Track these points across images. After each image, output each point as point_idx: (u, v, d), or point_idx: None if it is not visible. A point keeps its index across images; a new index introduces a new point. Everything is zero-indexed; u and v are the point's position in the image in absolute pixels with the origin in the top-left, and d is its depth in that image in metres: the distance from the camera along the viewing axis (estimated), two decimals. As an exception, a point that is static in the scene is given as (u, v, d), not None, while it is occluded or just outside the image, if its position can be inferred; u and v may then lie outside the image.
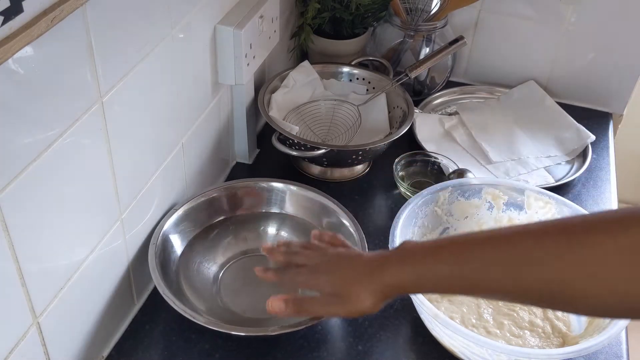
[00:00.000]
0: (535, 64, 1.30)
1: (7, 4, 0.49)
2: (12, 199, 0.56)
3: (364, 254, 0.69)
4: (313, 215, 0.95)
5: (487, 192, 0.94)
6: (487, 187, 0.94)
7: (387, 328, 0.86)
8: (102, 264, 0.75)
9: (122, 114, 0.72)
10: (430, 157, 1.09)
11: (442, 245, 0.63)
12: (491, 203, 0.94)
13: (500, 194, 0.93)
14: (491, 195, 0.94)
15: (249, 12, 0.95)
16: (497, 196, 0.94)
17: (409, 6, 1.20)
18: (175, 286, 0.84)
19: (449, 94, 1.30)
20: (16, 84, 0.54)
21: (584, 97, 1.30)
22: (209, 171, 1.02)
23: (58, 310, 0.68)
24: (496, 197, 0.94)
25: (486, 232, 0.62)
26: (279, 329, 0.77)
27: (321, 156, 1.00)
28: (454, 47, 1.14)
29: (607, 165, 1.16)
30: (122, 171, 0.74)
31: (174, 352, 0.82)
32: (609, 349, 0.85)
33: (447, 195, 0.93)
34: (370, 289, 0.64)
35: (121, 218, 0.77)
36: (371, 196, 1.08)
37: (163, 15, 0.76)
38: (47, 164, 0.60)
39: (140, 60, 0.73)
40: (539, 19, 1.25)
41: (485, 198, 0.94)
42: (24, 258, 0.60)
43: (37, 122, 0.58)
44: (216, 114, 1.00)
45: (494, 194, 0.94)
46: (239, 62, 0.95)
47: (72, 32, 0.59)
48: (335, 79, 1.18)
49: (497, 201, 0.94)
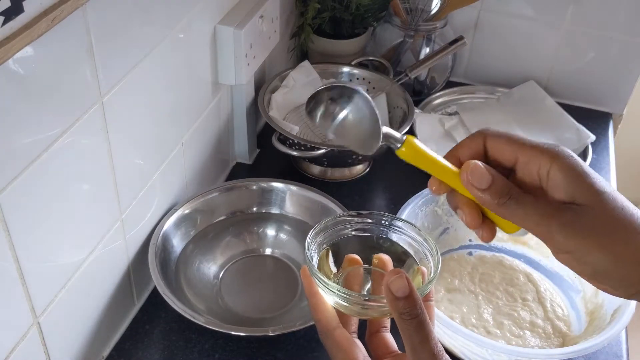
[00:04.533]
0: (535, 64, 1.30)
1: (7, 4, 0.49)
2: (12, 199, 0.56)
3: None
4: (313, 215, 0.95)
5: (487, 192, 0.94)
6: (487, 187, 0.94)
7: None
8: (102, 264, 0.75)
9: (122, 114, 0.72)
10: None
11: None
12: (491, 203, 0.94)
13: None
14: (491, 195, 0.94)
15: (249, 12, 0.95)
16: (497, 196, 0.93)
17: (409, 6, 1.20)
18: (175, 286, 0.84)
19: (449, 94, 1.30)
20: (16, 84, 0.54)
21: (584, 97, 1.30)
22: (209, 171, 1.02)
23: (58, 310, 0.68)
24: (496, 197, 0.93)
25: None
26: (279, 329, 0.77)
27: (321, 156, 1.00)
28: (454, 47, 1.14)
29: (607, 165, 1.16)
30: (122, 171, 0.74)
31: (174, 352, 0.82)
32: (609, 349, 0.85)
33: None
34: None
35: (121, 218, 0.77)
36: (371, 196, 1.07)
37: (163, 15, 0.76)
38: (47, 164, 0.60)
39: (140, 60, 0.73)
40: (539, 19, 1.25)
41: (485, 198, 0.94)
42: (24, 258, 0.60)
43: (37, 122, 0.58)
44: (216, 114, 1.00)
45: (494, 194, 0.93)
46: (239, 62, 0.95)
47: (72, 32, 0.59)
48: (335, 79, 1.18)
49: (497, 201, 0.94)
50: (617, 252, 0.43)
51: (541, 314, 0.87)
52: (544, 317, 0.87)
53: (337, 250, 0.63)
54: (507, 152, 0.47)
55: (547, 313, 0.87)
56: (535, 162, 0.45)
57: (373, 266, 0.61)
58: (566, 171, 0.44)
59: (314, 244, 0.61)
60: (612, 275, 0.44)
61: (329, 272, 0.62)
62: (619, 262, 0.43)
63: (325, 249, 0.62)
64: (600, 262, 0.43)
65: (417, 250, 0.62)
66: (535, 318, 0.86)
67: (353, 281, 0.60)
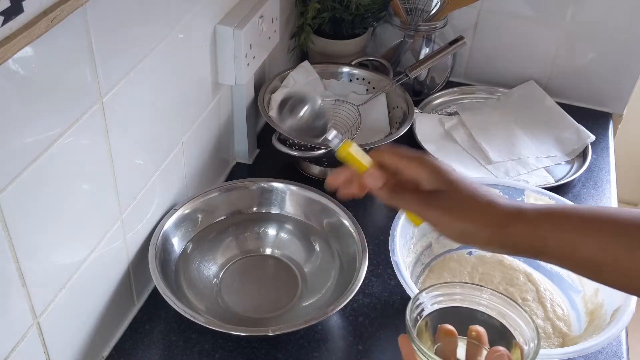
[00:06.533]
0: (535, 64, 1.30)
1: (7, 4, 0.49)
2: (12, 199, 0.56)
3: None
4: (313, 215, 0.95)
5: (487, 192, 0.94)
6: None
7: (387, 328, 0.86)
8: (102, 264, 0.75)
9: (122, 114, 0.72)
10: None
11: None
12: (491, 203, 0.94)
13: (500, 194, 0.93)
14: (491, 195, 0.94)
15: (249, 12, 0.95)
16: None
17: (409, 6, 1.20)
18: (175, 286, 0.84)
19: (449, 94, 1.30)
20: (16, 84, 0.54)
21: (584, 97, 1.30)
22: (209, 171, 1.02)
23: (58, 310, 0.68)
24: (496, 197, 0.93)
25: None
26: (279, 329, 0.77)
27: (321, 156, 1.00)
28: (454, 47, 1.14)
29: (607, 165, 1.16)
30: (122, 171, 0.74)
31: (174, 352, 0.82)
32: (609, 349, 0.85)
33: (447, 195, 0.93)
34: None
35: (121, 218, 0.77)
36: (371, 196, 1.07)
37: (163, 16, 0.76)
38: (47, 164, 0.60)
39: (140, 61, 0.73)
40: (539, 19, 1.25)
41: (485, 198, 0.94)
42: (24, 258, 0.60)
43: (37, 122, 0.58)
44: (216, 114, 1.00)
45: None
46: (239, 62, 0.95)
47: (72, 32, 0.59)
48: (335, 79, 1.18)
49: (497, 201, 0.94)
50: (475, 221, 0.59)
51: (541, 314, 0.87)
52: (544, 317, 0.87)
53: (433, 317, 0.64)
54: (389, 161, 0.63)
55: (547, 313, 0.87)
56: (410, 166, 0.62)
57: (469, 338, 0.62)
58: (431, 168, 0.61)
59: (414, 312, 0.63)
60: (476, 238, 0.59)
61: (426, 341, 0.63)
62: (479, 227, 0.59)
63: (424, 320, 0.63)
64: (464, 229, 0.59)
65: (515, 325, 0.63)
66: (535, 318, 0.86)
67: (448, 353, 0.62)
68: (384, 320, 0.87)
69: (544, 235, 0.57)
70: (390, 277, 0.92)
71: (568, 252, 0.57)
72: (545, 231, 0.58)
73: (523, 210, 0.59)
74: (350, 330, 0.86)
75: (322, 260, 0.92)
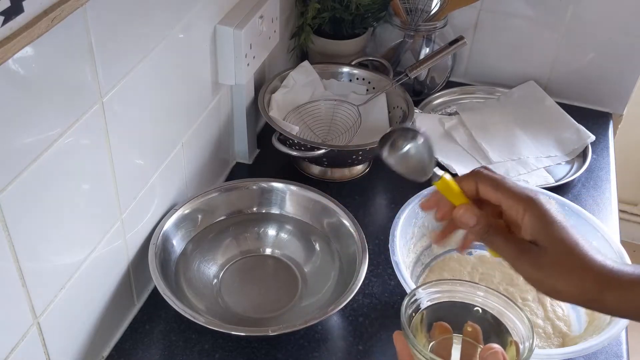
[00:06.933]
0: (535, 64, 1.30)
1: (7, 4, 0.49)
2: (12, 199, 0.56)
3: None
4: (313, 215, 0.95)
5: (487, 192, 0.94)
6: (487, 187, 0.93)
7: (387, 328, 0.86)
8: (102, 264, 0.75)
9: (122, 114, 0.72)
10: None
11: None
12: (491, 203, 0.94)
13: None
14: (491, 195, 0.94)
15: (249, 12, 0.95)
16: (497, 196, 0.93)
17: (409, 6, 1.20)
18: (175, 286, 0.84)
19: (449, 94, 1.30)
20: (16, 84, 0.54)
21: (584, 97, 1.30)
22: (209, 171, 1.02)
23: (58, 310, 0.68)
24: (496, 197, 0.93)
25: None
26: (279, 329, 0.77)
27: (321, 156, 1.00)
28: (454, 47, 1.14)
29: (607, 165, 1.16)
30: (122, 171, 0.74)
31: (174, 352, 0.82)
32: (609, 349, 0.85)
33: (447, 195, 0.93)
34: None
35: (121, 218, 0.77)
36: (371, 196, 1.08)
37: (163, 15, 0.76)
38: (47, 164, 0.60)
39: (140, 61, 0.73)
40: (539, 19, 1.25)
41: (485, 198, 0.94)
42: (24, 258, 0.60)
43: (37, 122, 0.58)
44: (216, 114, 1.00)
45: (494, 194, 0.93)
46: (239, 62, 0.95)
47: (72, 32, 0.59)
48: (335, 79, 1.18)
49: (497, 201, 0.94)
50: (569, 282, 0.56)
51: (541, 314, 0.87)
52: (544, 317, 0.87)
53: (428, 314, 0.64)
54: (493, 198, 0.60)
55: (547, 313, 0.87)
56: (513, 208, 0.58)
57: (464, 335, 0.63)
58: (533, 219, 0.57)
59: (410, 309, 0.62)
60: (566, 296, 0.57)
61: (421, 339, 0.63)
62: (571, 289, 0.56)
63: (420, 315, 0.63)
64: (555, 286, 0.57)
65: (511, 323, 0.63)
66: (535, 318, 0.86)
67: (443, 350, 0.62)
68: (384, 320, 0.87)
69: (638, 305, 0.56)
70: (390, 277, 0.92)
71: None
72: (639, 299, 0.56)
73: (618, 275, 0.56)
74: (350, 330, 0.86)
75: (322, 260, 0.92)
